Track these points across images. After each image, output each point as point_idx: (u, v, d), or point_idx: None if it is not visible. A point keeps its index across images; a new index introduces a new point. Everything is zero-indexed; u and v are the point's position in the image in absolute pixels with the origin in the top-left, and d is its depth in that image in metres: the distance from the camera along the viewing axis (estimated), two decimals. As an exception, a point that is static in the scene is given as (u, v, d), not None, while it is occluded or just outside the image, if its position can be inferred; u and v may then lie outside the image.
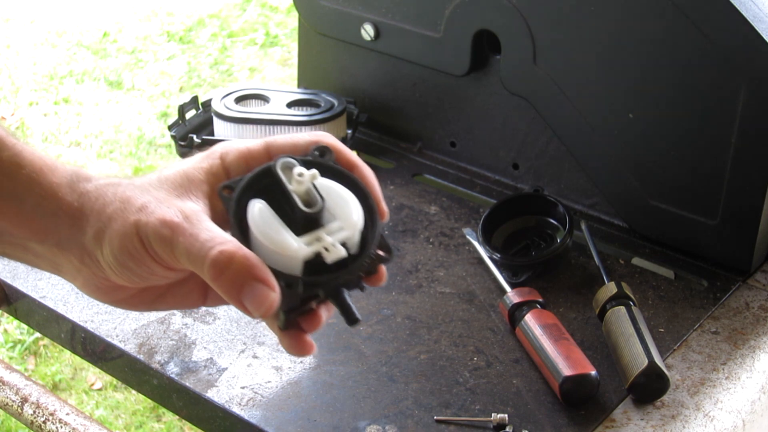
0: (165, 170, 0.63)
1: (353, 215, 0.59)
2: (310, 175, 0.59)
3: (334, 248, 0.58)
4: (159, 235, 0.58)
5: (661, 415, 0.87)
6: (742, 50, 0.95)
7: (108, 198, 0.60)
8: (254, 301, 0.56)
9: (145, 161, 2.99)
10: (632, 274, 1.05)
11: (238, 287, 0.56)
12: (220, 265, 0.56)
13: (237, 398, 0.88)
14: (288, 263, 0.58)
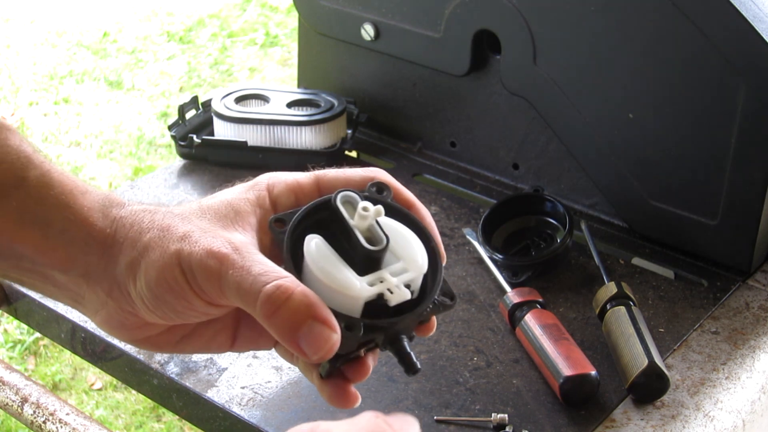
0: (207, 200, 0.58)
1: (418, 257, 0.55)
2: (375, 210, 0.55)
3: (398, 290, 0.54)
4: (205, 266, 0.53)
5: (661, 415, 0.87)
6: (742, 50, 0.95)
7: (144, 225, 0.56)
8: (313, 343, 0.51)
9: (145, 161, 2.99)
10: (632, 274, 1.05)
11: (295, 327, 0.51)
12: (275, 301, 0.52)
13: (237, 398, 0.88)
14: (347, 304, 0.53)
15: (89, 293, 0.57)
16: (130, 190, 1.19)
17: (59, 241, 0.55)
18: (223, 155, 1.22)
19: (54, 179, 0.56)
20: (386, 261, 0.55)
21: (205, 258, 0.53)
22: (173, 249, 0.54)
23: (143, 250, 0.55)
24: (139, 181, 1.22)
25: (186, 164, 1.23)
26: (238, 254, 0.53)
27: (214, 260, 0.53)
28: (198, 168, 1.23)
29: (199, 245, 0.54)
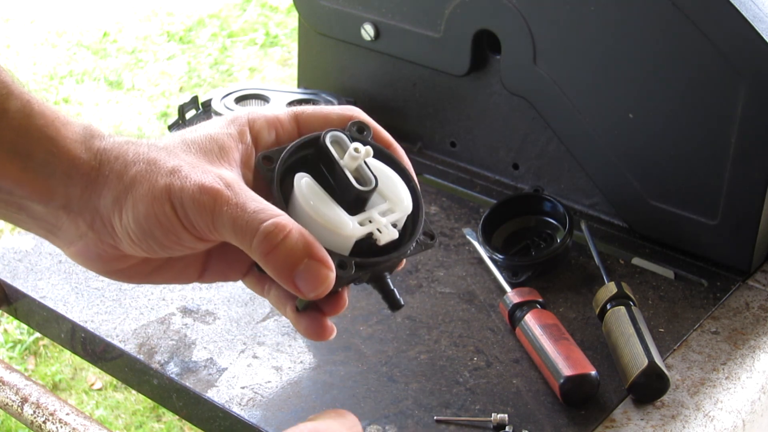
0: (188, 133, 0.57)
1: (404, 197, 0.57)
2: (365, 151, 0.56)
3: (387, 230, 0.56)
4: (198, 202, 0.52)
5: (661, 415, 0.87)
6: (742, 50, 0.95)
7: (129, 158, 0.55)
8: (310, 281, 0.52)
9: (145, 161, 2.98)
10: (632, 274, 1.05)
11: (292, 265, 0.52)
12: (273, 239, 0.52)
13: (237, 398, 0.88)
14: (338, 242, 0.55)
15: (68, 224, 0.56)
16: (130, 190, 1.19)
17: (40, 174, 0.54)
18: (223, 155, 1.22)
19: (35, 110, 0.54)
20: (372, 201, 0.56)
21: (198, 193, 0.53)
22: (162, 183, 0.53)
23: (130, 184, 0.54)
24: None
25: (186, 164, 1.23)
26: (231, 190, 0.53)
27: (207, 196, 0.53)
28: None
29: (190, 180, 0.53)
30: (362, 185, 0.55)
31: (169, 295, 1.01)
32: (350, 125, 0.59)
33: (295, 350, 0.94)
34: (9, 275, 1.03)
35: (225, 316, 0.98)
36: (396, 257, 0.56)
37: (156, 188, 0.53)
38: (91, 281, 1.03)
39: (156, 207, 0.53)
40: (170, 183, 0.53)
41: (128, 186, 0.54)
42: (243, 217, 0.52)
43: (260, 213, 0.52)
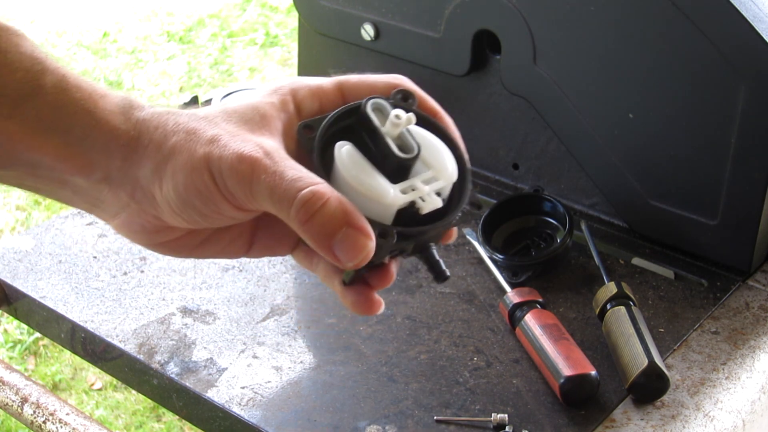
0: (230, 103, 0.56)
1: (448, 165, 0.55)
2: (407, 118, 0.54)
3: (430, 198, 0.54)
4: (236, 171, 0.51)
5: (661, 415, 0.87)
6: (742, 50, 0.95)
7: (169, 127, 0.54)
8: (348, 250, 0.50)
9: (145, 161, 2.99)
10: (632, 274, 1.05)
11: (331, 233, 0.50)
12: (311, 207, 0.50)
13: (237, 398, 0.88)
14: (380, 212, 0.53)
15: (110, 197, 0.55)
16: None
17: (80, 148, 0.54)
18: (223, 155, 1.22)
19: (71, 84, 0.54)
20: (416, 170, 0.55)
21: (236, 162, 0.52)
22: (201, 152, 0.52)
23: (169, 154, 0.53)
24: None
25: (186, 164, 1.23)
26: (270, 159, 0.52)
27: (245, 164, 0.51)
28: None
29: (228, 149, 0.52)
30: (404, 153, 0.54)
31: (169, 295, 1.01)
32: (394, 93, 0.58)
33: (295, 350, 0.94)
34: (9, 275, 1.03)
35: (225, 316, 0.98)
36: (441, 227, 0.54)
37: (195, 157, 0.52)
38: (91, 281, 1.03)
39: (195, 176, 0.52)
40: (209, 152, 0.52)
41: (167, 155, 0.53)
42: (281, 186, 0.51)
43: (298, 181, 0.51)
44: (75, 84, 0.54)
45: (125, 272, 1.04)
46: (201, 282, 1.03)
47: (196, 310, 0.99)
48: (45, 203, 2.81)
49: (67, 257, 1.07)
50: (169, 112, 0.55)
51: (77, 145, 0.54)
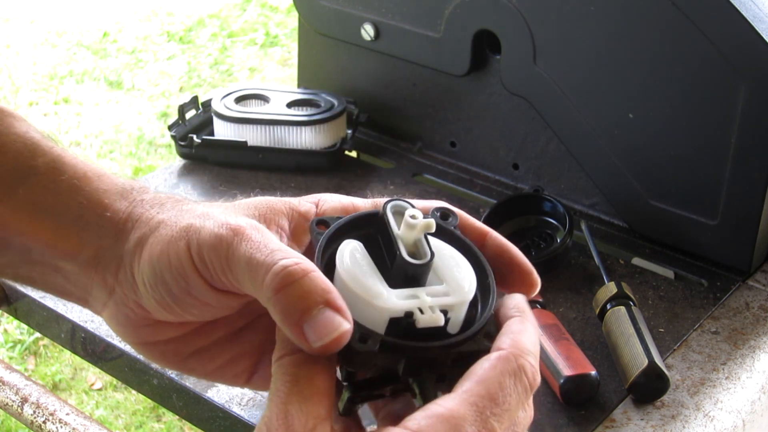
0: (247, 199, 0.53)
1: (465, 283, 0.48)
2: (424, 222, 0.48)
3: (430, 312, 0.46)
4: (216, 237, 0.47)
5: (661, 415, 0.87)
6: (742, 50, 0.95)
7: (166, 206, 0.51)
8: (320, 329, 0.44)
9: (145, 161, 2.99)
10: (632, 274, 1.05)
11: (304, 309, 0.44)
12: (289, 277, 0.45)
13: (237, 398, 0.88)
14: (372, 316, 0.46)
15: (98, 281, 0.52)
16: (130, 190, 1.19)
17: (72, 228, 0.51)
18: (223, 155, 1.22)
19: (66, 164, 0.52)
20: (429, 282, 0.48)
21: (218, 228, 0.48)
22: (185, 224, 0.49)
23: (155, 226, 0.50)
24: (140, 180, 1.22)
25: (186, 164, 1.23)
26: (256, 231, 0.48)
27: (227, 231, 0.47)
28: (198, 168, 1.23)
29: (215, 221, 0.48)
30: (413, 258, 0.48)
31: (169, 295, 1.01)
32: (433, 210, 0.52)
33: (295, 350, 0.94)
34: (9, 275, 1.03)
35: (225, 316, 0.98)
36: (437, 350, 0.46)
37: (176, 228, 0.49)
38: (91, 281, 1.03)
39: (171, 246, 0.49)
40: (191, 224, 0.49)
41: (153, 228, 0.50)
42: (262, 252, 0.46)
43: (279, 252, 0.46)
44: (70, 164, 0.52)
45: (125, 272, 1.04)
46: (201, 282, 1.03)
47: (196, 310, 0.99)
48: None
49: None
50: (172, 197, 0.52)
51: (70, 225, 0.52)
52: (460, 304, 0.48)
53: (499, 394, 0.44)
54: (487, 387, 0.45)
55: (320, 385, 0.45)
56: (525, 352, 0.47)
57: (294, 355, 0.45)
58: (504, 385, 0.45)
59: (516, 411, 0.45)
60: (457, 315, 0.48)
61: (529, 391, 0.46)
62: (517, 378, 0.45)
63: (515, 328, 0.49)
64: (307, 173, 1.22)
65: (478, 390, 0.44)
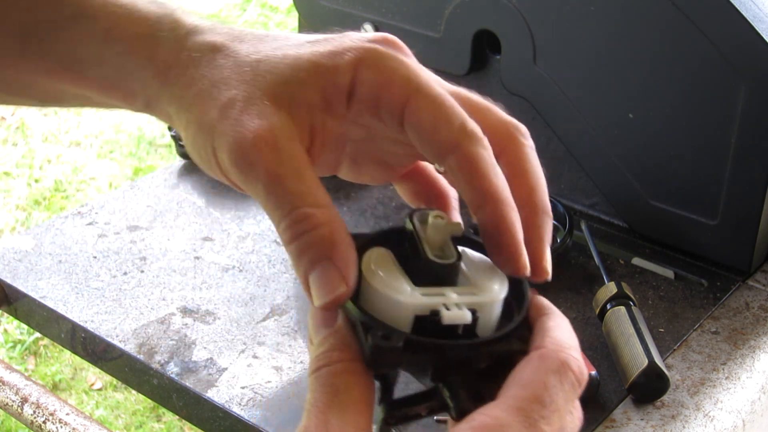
0: (298, 43, 0.49)
1: (494, 284, 0.46)
2: (451, 224, 0.47)
3: (456, 309, 0.45)
4: (235, 160, 0.46)
5: (661, 415, 0.87)
6: (742, 50, 0.95)
7: (199, 73, 0.48)
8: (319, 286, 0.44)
9: (145, 161, 2.99)
10: (632, 274, 1.05)
11: (309, 262, 0.45)
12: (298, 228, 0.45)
13: (237, 398, 0.88)
14: (396, 313, 0.45)
15: (162, 118, 0.51)
16: (130, 190, 1.19)
17: (117, 79, 0.50)
18: (223, 155, 1.22)
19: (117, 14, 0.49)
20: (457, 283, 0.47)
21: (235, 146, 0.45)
22: (211, 117, 0.47)
23: (189, 105, 0.48)
24: (139, 181, 1.22)
25: (186, 164, 1.23)
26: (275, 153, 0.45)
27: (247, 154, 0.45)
28: (198, 168, 1.22)
29: (233, 127, 0.46)
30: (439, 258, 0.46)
31: (169, 295, 1.01)
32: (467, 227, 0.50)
33: (295, 350, 0.94)
34: (9, 275, 1.03)
35: (225, 316, 0.98)
36: (463, 349, 0.44)
37: (205, 119, 0.47)
38: (91, 281, 1.03)
39: (197, 142, 0.48)
40: (215, 126, 0.46)
41: (186, 107, 0.48)
42: (277, 193, 0.45)
43: (296, 197, 0.45)
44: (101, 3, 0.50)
45: (125, 272, 1.04)
46: (201, 282, 1.03)
47: (196, 310, 0.99)
48: (45, 203, 2.81)
49: (67, 257, 1.07)
50: (211, 45, 0.49)
51: (115, 77, 0.50)
52: (489, 304, 0.46)
53: (545, 395, 0.42)
54: (532, 389, 0.43)
55: (359, 395, 0.44)
56: (565, 346, 0.45)
57: (332, 365, 0.44)
58: (549, 385, 0.43)
59: (565, 410, 0.43)
60: (486, 317, 0.46)
61: (577, 387, 0.44)
62: (562, 375, 0.43)
63: (549, 325, 0.46)
64: (307, 173, 1.21)
65: (522, 394, 0.43)
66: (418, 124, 0.47)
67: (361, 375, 0.44)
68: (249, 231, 1.12)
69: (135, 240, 1.10)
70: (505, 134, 0.53)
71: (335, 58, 0.48)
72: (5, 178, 2.92)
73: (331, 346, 0.45)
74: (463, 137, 0.47)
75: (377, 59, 0.49)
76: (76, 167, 2.96)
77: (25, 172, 2.95)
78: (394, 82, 0.48)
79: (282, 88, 0.47)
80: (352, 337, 0.45)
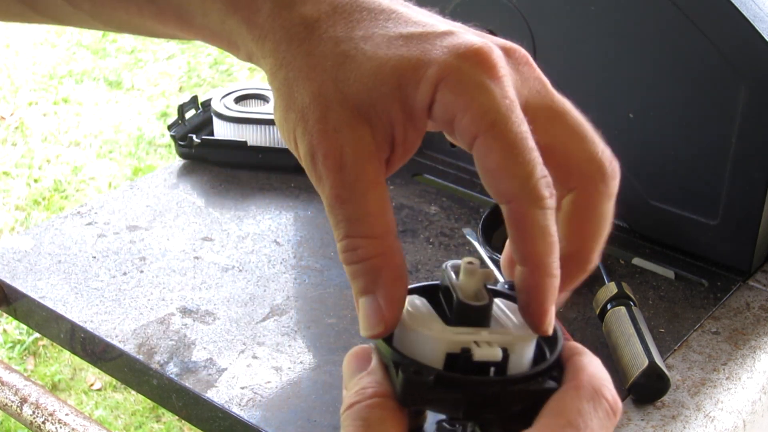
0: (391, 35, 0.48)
1: (525, 326, 0.47)
2: (483, 270, 0.48)
3: (486, 346, 0.45)
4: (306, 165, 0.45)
5: (661, 415, 0.87)
6: (742, 50, 0.95)
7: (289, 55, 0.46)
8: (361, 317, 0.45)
9: (144, 161, 2.99)
10: (632, 274, 1.05)
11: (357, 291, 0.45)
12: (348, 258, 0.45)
13: (237, 398, 0.88)
14: (428, 350, 0.46)
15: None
16: (130, 190, 1.19)
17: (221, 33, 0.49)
18: (223, 155, 1.22)
19: None
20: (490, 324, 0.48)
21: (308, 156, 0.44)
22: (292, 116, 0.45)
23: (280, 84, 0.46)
24: (139, 181, 1.22)
25: (186, 164, 1.23)
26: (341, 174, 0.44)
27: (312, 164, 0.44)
28: (198, 168, 1.23)
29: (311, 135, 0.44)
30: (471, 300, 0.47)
31: (168, 295, 1.01)
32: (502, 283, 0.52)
33: (295, 350, 0.94)
34: (8, 275, 1.03)
35: (225, 316, 0.98)
36: (497, 383, 0.45)
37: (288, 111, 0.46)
38: (91, 281, 1.03)
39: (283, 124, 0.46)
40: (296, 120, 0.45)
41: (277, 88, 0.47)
42: (335, 215, 0.45)
43: (351, 224, 0.45)
44: None
45: (125, 272, 1.04)
46: (201, 282, 1.03)
47: (196, 310, 0.99)
48: (44, 203, 2.81)
49: (67, 257, 1.06)
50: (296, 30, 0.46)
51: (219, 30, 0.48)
52: (521, 343, 0.46)
53: (579, 421, 0.42)
54: (566, 416, 0.42)
55: (391, 427, 0.44)
56: (600, 379, 0.44)
57: (365, 401, 0.45)
58: (583, 411, 0.43)
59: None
60: (518, 356, 0.46)
61: (612, 416, 0.43)
62: (596, 403, 0.43)
63: (582, 362, 0.46)
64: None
65: (557, 421, 0.42)
66: (483, 161, 0.46)
67: (393, 410, 0.44)
68: (249, 231, 1.12)
69: (134, 240, 1.09)
70: (587, 175, 0.50)
71: (418, 72, 0.46)
72: (4, 178, 2.92)
73: (365, 385, 0.45)
74: (521, 192, 0.46)
75: (458, 82, 0.47)
76: (75, 167, 2.96)
77: (24, 172, 2.95)
78: (469, 112, 0.46)
79: (364, 97, 0.45)
80: (386, 378, 0.45)
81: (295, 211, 1.16)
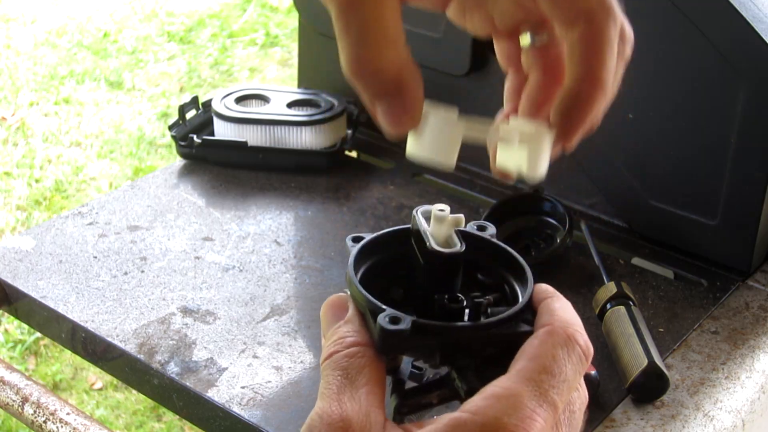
0: None
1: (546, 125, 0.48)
2: (453, 216, 0.50)
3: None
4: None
5: (660, 415, 0.87)
6: (742, 50, 0.95)
7: None
8: (390, 113, 0.48)
9: (145, 161, 2.99)
10: (632, 274, 1.05)
11: (384, 90, 0.48)
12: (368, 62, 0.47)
13: (237, 398, 0.88)
14: (448, 134, 0.49)
15: None
16: (131, 190, 1.19)
17: None
18: (223, 155, 1.22)
19: None
20: None
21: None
22: None
23: None
24: (140, 181, 1.22)
25: (186, 164, 1.24)
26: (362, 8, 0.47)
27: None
28: (198, 168, 1.23)
29: None
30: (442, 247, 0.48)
31: (169, 295, 1.01)
32: (472, 223, 0.53)
33: (295, 350, 0.94)
34: (9, 275, 1.03)
35: (225, 316, 0.98)
36: (470, 329, 0.46)
37: None
38: (92, 281, 1.03)
39: None
40: None
41: None
42: (345, 17, 0.47)
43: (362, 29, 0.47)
44: None
45: (125, 272, 1.05)
46: (201, 282, 1.03)
47: (197, 310, 0.99)
48: (45, 203, 2.81)
49: (68, 257, 1.07)
50: None
51: None
52: (541, 137, 0.50)
53: (554, 366, 0.44)
54: (540, 361, 0.44)
55: (371, 375, 0.45)
56: (571, 323, 0.46)
57: (343, 350, 0.46)
58: (557, 357, 0.44)
59: (574, 382, 0.45)
60: (535, 152, 0.50)
61: (584, 360, 0.45)
62: (569, 348, 0.45)
63: (553, 306, 0.48)
64: (307, 173, 1.22)
65: (532, 366, 0.44)
66: None
67: (371, 358, 0.46)
68: (249, 231, 1.12)
69: (135, 240, 1.10)
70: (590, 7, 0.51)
71: None
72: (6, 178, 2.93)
73: (342, 334, 0.46)
74: (600, 8, 0.47)
75: None
76: (76, 167, 2.96)
77: (25, 172, 2.95)
78: None
79: None
80: (363, 326, 0.47)
81: (295, 211, 1.16)
